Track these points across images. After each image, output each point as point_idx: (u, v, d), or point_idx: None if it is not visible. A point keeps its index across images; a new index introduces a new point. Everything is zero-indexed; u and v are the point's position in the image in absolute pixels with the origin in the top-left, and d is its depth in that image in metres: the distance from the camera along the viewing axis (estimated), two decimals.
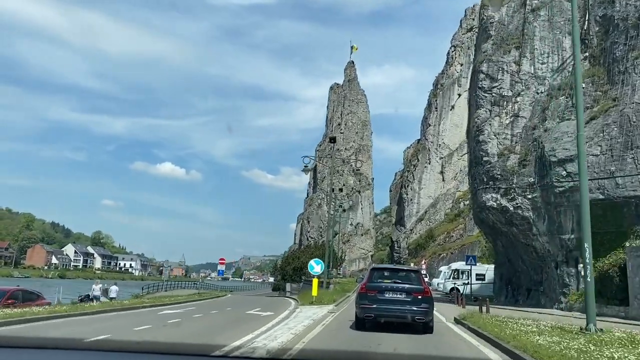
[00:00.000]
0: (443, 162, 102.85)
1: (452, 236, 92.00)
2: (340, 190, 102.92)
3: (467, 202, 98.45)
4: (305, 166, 30.50)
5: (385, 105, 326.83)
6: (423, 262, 78.70)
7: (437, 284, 44.91)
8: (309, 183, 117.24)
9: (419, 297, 12.49)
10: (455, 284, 39.02)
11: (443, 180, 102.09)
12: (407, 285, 12.78)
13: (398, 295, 12.54)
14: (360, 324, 12.83)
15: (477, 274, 38.36)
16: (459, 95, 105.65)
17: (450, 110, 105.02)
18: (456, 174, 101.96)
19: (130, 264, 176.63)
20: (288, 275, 63.60)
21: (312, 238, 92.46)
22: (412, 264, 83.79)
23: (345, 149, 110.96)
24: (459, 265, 41.42)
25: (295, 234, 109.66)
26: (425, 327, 12.51)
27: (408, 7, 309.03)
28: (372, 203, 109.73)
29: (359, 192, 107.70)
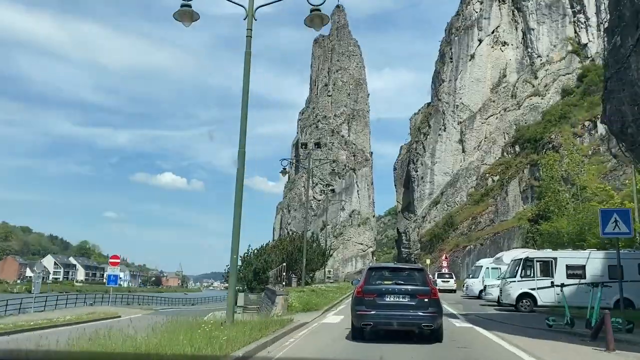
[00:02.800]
0: (462, 127, 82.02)
1: (480, 222, 71.27)
2: (333, 168, 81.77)
3: (497, 177, 77.63)
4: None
5: (387, 110, 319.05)
6: (444, 258, 58.24)
7: (481, 289, 32.94)
8: (290, 162, 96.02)
9: (425, 299, 11.19)
10: (532, 286, 22.74)
11: (463, 151, 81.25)
12: (410, 287, 11.45)
13: (401, 299, 11.31)
14: (358, 333, 11.64)
15: (569, 267, 22.65)
16: (480, 41, 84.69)
17: (470, 61, 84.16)
18: (480, 142, 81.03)
19: (119, 275, 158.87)
20: (247, 280, 46.45)
21: (293, 231, 71.61)
22: (427, 262, 63.43)
23: (335, 115, 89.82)
24: (531, 253, 25.30)
25: (274, 228, 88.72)
26: (433, 334, 11.29)
27: (404, 10, 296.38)
28: (372, 184, 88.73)
29: (354, 170, 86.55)
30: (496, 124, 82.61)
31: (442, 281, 49.80)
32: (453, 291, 48.53)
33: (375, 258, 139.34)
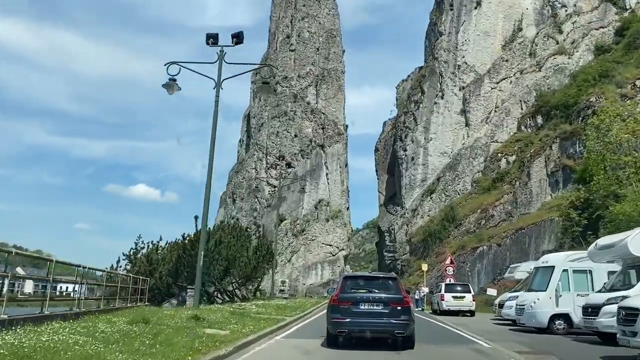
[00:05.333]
0: (466, 94, 64.62)
1: (492, 216, 53.53)
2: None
3: (513, 157, 60.06)
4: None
5: (367, 125, 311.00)
6: (449, 262, 39.55)
7: (526, 306, 19.88)
8: (240, 140, 76.74)
9: (398, 307, 12.03)
10: None
11: (467, 124, 63.82)
12: (384, 295, 12.31)
13: (374, 307, 12.15)
14: (333, 341, 12.44)
15: None
16: None
17: (475, 9, 67.12)
18: (489, 112, 63.60)
19: (74, 288, 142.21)
20: (156, 288, 30.51)
21: (239, 222, 52.64)
22: (424, 268, 48.14)
23: (299, 76, 71.14)
24: None
25: (215, 220, 69.29)
26: (406, 342, 12.16)
27: (384, 26, 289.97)
28: (346, 166, 70.08)
29: (322, 147, 67.73)
30: (510, 89, 65.17)
31: (453, 297, 31.27)
32: (471, 313, 31.27)
33: (348, 266, 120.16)
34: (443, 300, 31.68)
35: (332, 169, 66.91)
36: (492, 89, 65.63)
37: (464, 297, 31.82)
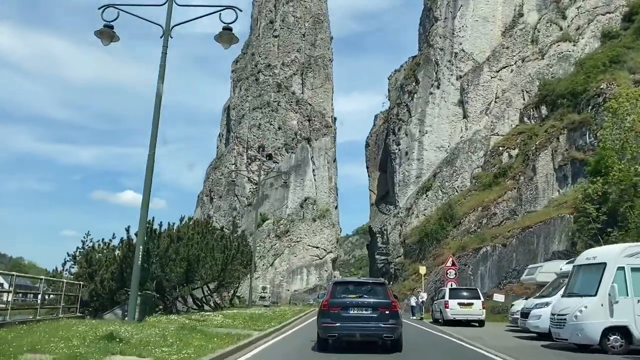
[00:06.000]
0: (463, 84, 60.41)
1: (495, 215, 49.19)
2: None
3: (515, 151, 56.00)
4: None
5: (356, 132, 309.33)
6: (450, 264, 34.54)
7: (568, 316, 15.20)
8: (219, 135, 71.30)
9: (386, 312, 12.52)
10: None
11: (465, 116, 59.62)
12: (373, 300, 12.84)
13: (363, 312, 12.65)
14: (323, 344, 12.89)
15: None
16: None
17: None
18: (489, 103, 59.40)
19: None
20: (96, 295, 24.70)
21: (217, 222, 48.21)
22: (421, 271, 43.37)
23: (283, 64, 66.17)
24: None
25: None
26: (394, 345, 12.70)
27: (372, 34, 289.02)
28: (334, 162, 65.15)
29: (309, 140, 62.81)
30: (511, 78, 60.91)
31: (460, 304, 26.02)
32: (480, 323, 26.51)
33: (338, 272, 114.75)
34: (447, 307, 26.97)
35: (319, 165, 61.81)
36: (491, 78, 61.21)
37: (472, 304, 27.14)
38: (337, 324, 12.26)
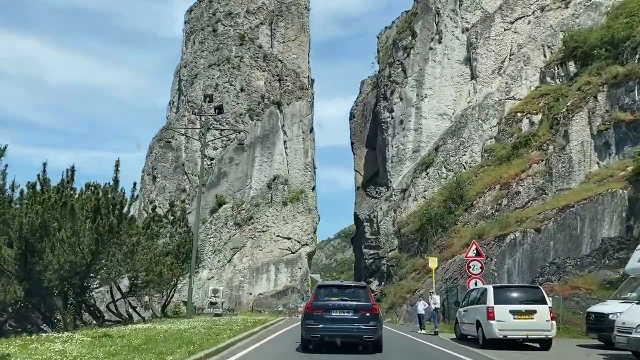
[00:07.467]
0: (471, 38, 49.89)
1: (518, 194, 38.13)
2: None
3: (538, 116, 46.04)
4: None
5: (337, 137, 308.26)
6: (473, 250, 22.17)
7: None
8: (170, 103, 59.44)
9: (367, 314, 13.19)
10: None
11: (473, 77, 49.44)
12: (354, 303, 13.45)
13: (345, 314, 13.28)
14: (306, 345, 13.63)
15: None
16: None
17: None
18: (502, 61, 48.88)
19: None
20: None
21: (161, 207, 36.78)
22: (432, 266, 30.14)
23: (247, 11, 54.34)
24: None
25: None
26: (374, 346, 13.46)
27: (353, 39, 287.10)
28: (311, 132, 53.63)
29: (279, 105, 51.12)
30: (528, 31, 50.52)
31: (514, 312, 16.52)
32: (544, 345, 16.57)
33: (319, 275, 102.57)
34: (492, 318, 16.31)
35: (292, 135, 49.96)
36: (505, 30, 50.60)
37: (535, 311, 16.59)
38: (320, 326, 13.12)
